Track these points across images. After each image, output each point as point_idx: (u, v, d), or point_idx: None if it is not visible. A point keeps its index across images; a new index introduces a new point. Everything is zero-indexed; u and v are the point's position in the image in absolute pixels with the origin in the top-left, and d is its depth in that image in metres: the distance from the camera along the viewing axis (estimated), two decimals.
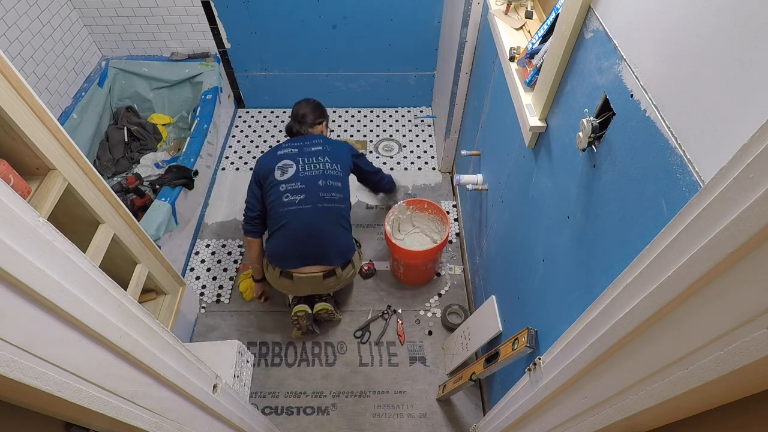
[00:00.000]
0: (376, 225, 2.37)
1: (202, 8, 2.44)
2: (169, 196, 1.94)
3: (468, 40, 1.85)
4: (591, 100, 0.84)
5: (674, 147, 0.58)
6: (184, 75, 2.61)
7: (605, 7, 0.79)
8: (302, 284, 1.77)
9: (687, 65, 0.57)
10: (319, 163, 1.76)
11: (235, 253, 2.26)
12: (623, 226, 0.72)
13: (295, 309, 1.84)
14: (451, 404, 1.78)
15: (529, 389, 0.96)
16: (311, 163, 1.76)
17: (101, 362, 0.55)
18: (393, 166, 2.69)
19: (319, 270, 1.74)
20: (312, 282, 1.76)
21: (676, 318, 0.49)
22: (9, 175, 1.00)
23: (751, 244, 0.37)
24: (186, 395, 0.77)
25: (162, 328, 0.71)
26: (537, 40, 1.14)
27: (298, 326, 1.89)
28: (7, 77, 0.95)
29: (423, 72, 2.82)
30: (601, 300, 0.66)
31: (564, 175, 0.98)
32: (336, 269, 1.76)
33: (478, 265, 1.89)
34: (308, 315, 1.86)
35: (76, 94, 2.41)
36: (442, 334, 1.97)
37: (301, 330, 1.91)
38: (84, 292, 0.51)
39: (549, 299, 1.07)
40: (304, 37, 2.59)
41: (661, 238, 0.50)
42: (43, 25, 2.19)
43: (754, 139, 0.37)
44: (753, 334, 0.39)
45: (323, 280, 1.75)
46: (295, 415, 1.76)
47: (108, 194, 1.33)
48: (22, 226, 0.43)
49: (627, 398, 0.60)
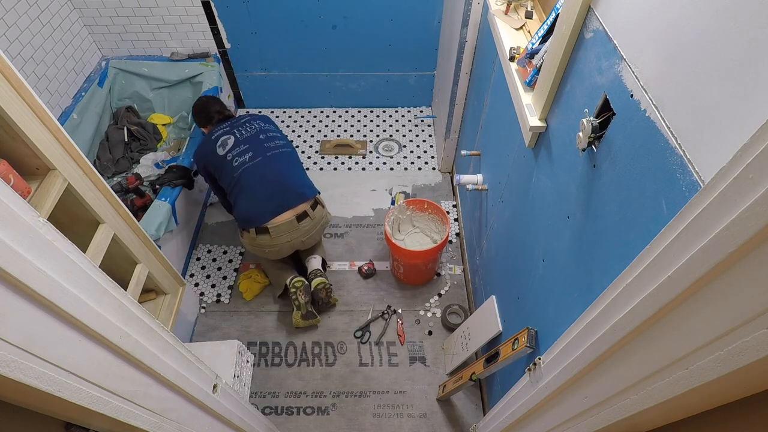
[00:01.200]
0: (376, 225, 2.37)
1: (202, 8, 2.44)
2: (169, 196, 1.94)
3: (468, 40, 1.85)
4: (591, 100, 0.84)
5: (674, 147, 0.58)
6: (184, 75, 2.61)
7: (605, 7, 0.79)
8: (280, 235, 1.77)
9: (687, 65, 0.57)
10: (252, 127, 1.87)
11: (236, 261, 2.26)
12: (623, 226, 0.72)
13: (293, 280, 1.87)
14: (451, 404, 1.78)
15: (529, 389, 0.96)
16: (246, 128, 1.86)
17: (101, 362, 0.55)
18: (393, 166, 2.69)
19: (291, 215, 1.76)
20: (289, 229, 1.77)
21: (676, 318, 0.49)
22: (9, 175, 1.00)
23: (751, 244, 0.37)
24: (186, 395, 0.77)
25: (162, 328, 0.71)
26: (537, 40, 1.14)
27: (297, 304, 1.88)
28: (7, 77, 0.95)
29: (423, 72, 2.82)
30: (601, 300, 0.66)
31: (564, 175, 0.98)
32: (307, 210, 1.79)
33: (478, 265, 1.89)
34: (306, 288, 1.88)
35: (76, 94, 2.41)
36: (442, 334, 1.97)
37: (301, 310, 1.89)
38: (84, 292, 0.51)
39: (549, 299, 1.07)
40: (304, 37, 2.59)
41: (661, 238, 0.50)
42: (43, 25, 2.19)
43: (754, 139, 0.37)
44: (753, 334, 0.39)
45: (299, 224, 1.78)
46: (295, 415, 1.76)
47: (108, 194, 1.33)
48: (22, 226, 0.43)
49: (627, 398, 0.60)
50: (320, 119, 2.97)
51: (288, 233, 1.78)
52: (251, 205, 1.75)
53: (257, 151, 1.79)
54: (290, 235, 1.79)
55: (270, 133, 1.87)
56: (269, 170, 1.77)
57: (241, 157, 1.77)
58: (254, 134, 1.84)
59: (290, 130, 2.90)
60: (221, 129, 1.88)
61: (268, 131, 1.88)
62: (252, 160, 1.77)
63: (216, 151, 1.81)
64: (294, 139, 2.85)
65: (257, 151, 1.79)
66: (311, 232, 1.84)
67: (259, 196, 1.74)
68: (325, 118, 2.98)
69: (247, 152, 1.78)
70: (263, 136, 1.84)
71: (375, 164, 2.70)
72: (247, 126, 1.87)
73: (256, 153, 1.78)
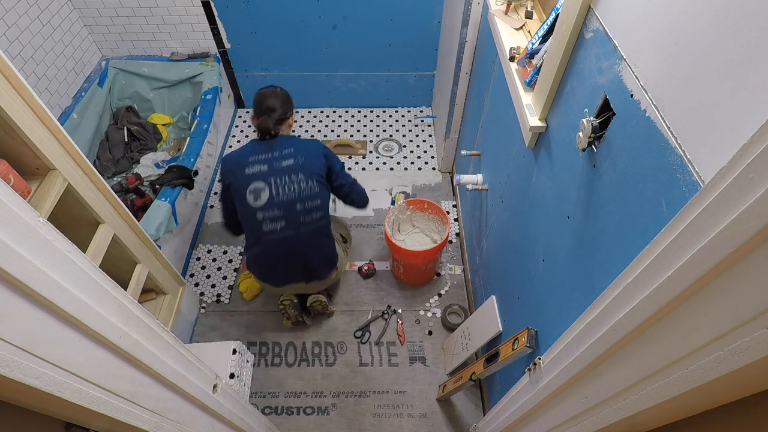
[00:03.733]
0: (376, 225, 2.37)
1: (202, 8, 2.44)
2: (169, 196, 1.94)
3: (468, 40, 1.85)
4: (591, 100, 0.84)
5: (674, 147, 0.58)
6: (184, 75, 2.61)
7: (605, 7, 0.79)
8: (287, 290, 1.81)
9: (687, 65, 0.57)
10: (293, 183, 1.58)
11: (236, 261, 2.26)
12: (623, 226, 0.72)
13: (282, 298, 1.87)
14: (451, 404, 1.78)
15: (529, 389, 0.96)
16: (284, 184, 1.58)
17: (101, 362, 0.55)
18: (393, 166, 2.69)
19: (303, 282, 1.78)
20: (297, 288, 1.81)
21: (676, 318, 0.49)
22: (9, 175, 1.00)
23: (751, 244, 0.37)
24: (186, 395, 0.77)
25: (162, 328, 0.71)
26: (537, 40, 1.14)
27: (286, 316, 1.91)
28: (7, 77, 0.95)
29: (423, 72, 2.82)
30: (601, 300, 0.66)
31: (564, 175, 0.98)
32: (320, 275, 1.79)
33: (478, 265, 1.89)
34: (294, 305, 1.88)
35: (76, 94, 2.41)
36: (442, 334, 1.97)
37: (291, 320, 1.93)
38: (84, 292, 0.51)
39: (549, 299, 1.07)
40: (304, 37, 2.59)
41: (661, 238, 0.50)
42: (43, 25, 2.19)
43: (754, 139, 0.37)
44: (753, 334, 0.39)
45: (306, 285, 1.79)
46: (295, 415, 1.76)
47: (108, 194, 1.33)
48: (22, 226, 0.43)
49: (627, 398, 0.60)
50: (320, 119, 2.97)
51: (294, 289, 1.82)
52: (266, 269, 1.73)
53: (291, 224, 1.60)
54: (296, 290, 1.83)
55: (308, 202, 1.60)
56: (298, 247, 1.64)
57: (272, 224, 1.59)
58: (292, 200, 1.58)
59: (290, 130, 2.90)
60: (259, 162, 1.58)
61: (306, 198, 1.59)
62: (284, 231, 1.60)
63: (246, 195, 1.58)
64: None
65: (291, 223, 1.60)
66: (320, 289, 1.88)
67: (278, 266, 1.70)
68: (325, 118, 2.98)
69: (280, 220, 1.59)
70: (300, 206, 1.59)
71: (375, 164, 2.70)
72: (287, 180, 1.57)
73: (288, 224, 1.60)
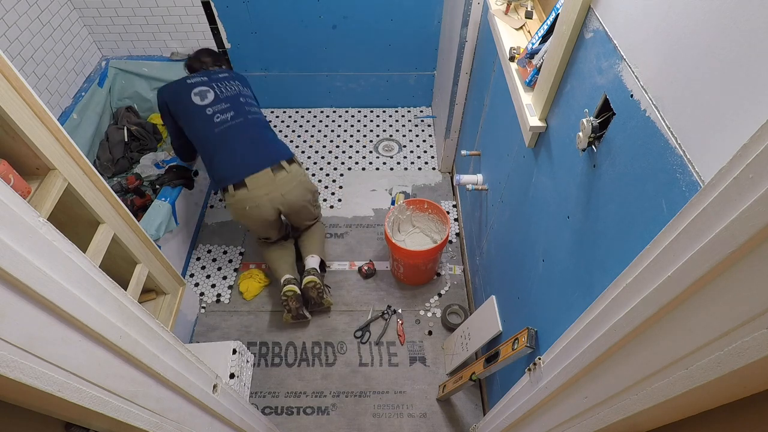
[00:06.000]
0: (376, 225, 2.37)
1: (202, 8, 2.44)
2: (169, 196, 1.94)
3: (468, 40, 1.85)
4: (591, 100, 0.84)
5: (674, 147, 0.58)
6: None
7: (605, 7, 0.79)
8: (257, 188, 1.77)
9: (687, 65, 0.57)
10: (231, 86, 1.91)
11: (236, 261, 2.26)
12: (623, 226, 0.72)
13: (284, 289, 1.86)
14: (451, 404, 1.78)
15: (529, 389, 0.96)
16: (225, 87, 1.89)
17: (101, 362, 0.55)
18: (393, 166, 2.69)
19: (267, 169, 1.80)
20: (266, 182, 1.78)
21: (676, 318, 0.49)
22: (9, 175, 1.00)
23: (751, 244, 0.37)
24: (186, 395, 0.77)
25: (162, 328, 0.71)
26: (537, 40, 1.14)
27: (288, 308, 1.90)
28: (7, 77, 0.95)
29: (423, 72, 2.82)
30: (601, 300, 0.66)
31: (564, 175, 0.98)
32: (282, 164, 1.82)
33: (478, 265, 1.89)
34: (297, 296, 1.88)
35: (76, 94, 2.41)
36: (442, 334, 1.97)
37: (291, 313, 1.90)
38: (84, 292, 0.51)
39: (549, 299, 1.07)
40: (304, 37, 2.59)
41: (661, 238, 0.50)
42: (43, 25, 2.19)
43: (754, 139, 0.37)
44: (753, 334, 0.39)
45: (275, 176, 1.79)
46: (295, 415, 1.76)
47: (108, 194, 1.33)
48: (22, 226, 0.43)
49: (627, 398, 0.60)
50: (320, 119, 2.97)
51: (265, 186, 1.79)
52: (231, 163, 1.79)
53: (239, 112, 1.84)
54: (267, 187, 1.79)
55: (249, 98, 1.93)
56: (250, 132, 1.83)
57: (222, 115, 1.81)
58: (234, 95, 1.88)
59: (290, 130, 2.90)
60: (197, 77, 1.89)
61: (246, 96, 1.93)
62: (234, 119, 1.82)
63: (191, 98, 1.82)
64: (294, 139, 2.85)
65: (239, 111, 1.84)
66: (288, 186, 1.83)
67: (239, 154, 1.79)
68: (325, 118, 2.98)
69: (228, 111, 1.83)
70: (243, 99, 1.89)
71: (375, 164, 2.70)
72: (227, 84, 1.90)
73: (237, 113, 1.84)
